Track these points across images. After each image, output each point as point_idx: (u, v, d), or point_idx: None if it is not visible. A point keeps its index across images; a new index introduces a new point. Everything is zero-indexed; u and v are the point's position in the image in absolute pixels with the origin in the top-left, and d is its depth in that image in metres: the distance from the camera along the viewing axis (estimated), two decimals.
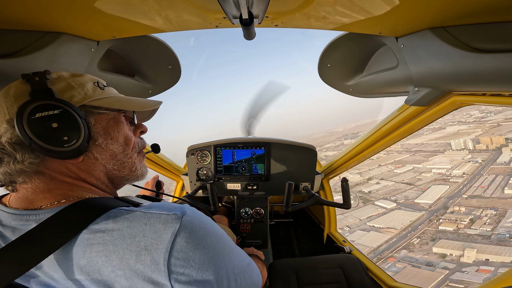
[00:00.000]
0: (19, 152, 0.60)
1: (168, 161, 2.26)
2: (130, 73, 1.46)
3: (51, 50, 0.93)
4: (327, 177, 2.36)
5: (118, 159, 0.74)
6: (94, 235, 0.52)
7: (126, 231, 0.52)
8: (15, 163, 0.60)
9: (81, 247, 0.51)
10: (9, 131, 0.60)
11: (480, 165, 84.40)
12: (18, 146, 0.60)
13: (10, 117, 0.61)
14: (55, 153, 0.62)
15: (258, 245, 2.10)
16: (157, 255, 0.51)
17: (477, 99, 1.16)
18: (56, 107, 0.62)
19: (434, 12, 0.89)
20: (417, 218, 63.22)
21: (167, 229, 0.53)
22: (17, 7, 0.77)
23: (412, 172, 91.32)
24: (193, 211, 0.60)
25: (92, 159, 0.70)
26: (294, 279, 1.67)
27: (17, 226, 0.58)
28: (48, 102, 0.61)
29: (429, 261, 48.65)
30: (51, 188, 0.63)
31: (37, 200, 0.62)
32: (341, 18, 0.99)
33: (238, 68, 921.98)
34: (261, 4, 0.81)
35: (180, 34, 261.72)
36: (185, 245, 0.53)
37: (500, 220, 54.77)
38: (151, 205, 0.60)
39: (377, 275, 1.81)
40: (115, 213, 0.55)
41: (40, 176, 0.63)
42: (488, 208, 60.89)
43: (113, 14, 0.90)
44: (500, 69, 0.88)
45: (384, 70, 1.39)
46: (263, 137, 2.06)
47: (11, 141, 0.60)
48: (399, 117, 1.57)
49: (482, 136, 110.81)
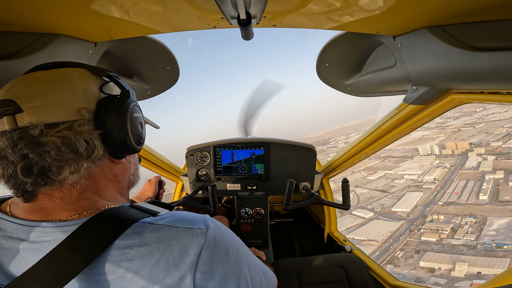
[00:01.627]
0: (97, 148, 0.58)
1: (168, 162, 2.25)
2: (128, 74, 1.46)
3: (49, 51, 0.93)
4: (327, 177, 2.36)
5: (137, 164, 0.80)
6: (122, 251, 0.51)
7: (153, 247, 0.51)
8: (86, 160, 0.56)
9: (109, 264, 0.50)
10: (88, 122, 0.57)
11: (449, 170, 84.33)
12: (97, 141, 0.58)
13: (85, 106, 0.57)
14: (132, 152, 0.66)
15: (258, 245, 2.09)
16: (184, 270, 0.51)
17: (475, 97, 1.16)
18: (140, 110, 0.69)
19: (432, 11, 0.89)
20: (396, 228, 60.95)
21: (193, 244, 0.54)
22: (14, 9, 0.77)
23: (384, 179, 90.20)
24: (215, 224, 0.60)
25: (127, 162, 0.73)
26: (295, 279, 1.67)
27: (27, 238, 0.53)
28: (137, 105, 0.68)
29: (418, 276, 45.65)
30: (80, 198, 0.58)
31: (57, 212, 0.56)
32: (338, 17, 0.99)
33: (237, 67, 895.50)
34: (259, 4, 0.81)
35: (178, 35, 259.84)
36: (209, 259, 0.54)
37: (482, 228, 53.33)
38: (173, 215, 0.58)
39: (378, 274, 1.80)
40: (140, 227, 0.53)
41: (87, 180, 0.59)
42: (467, 215, 59.32)
43: (110, 15, 0.90)
44: (498, 67, 0.88)
45: (382, 69, 1.39)
46: (262, 137, 2.05)
47: (94, 134, 0.57)
48: (397, 116, 1.58)
49: (445, 141, 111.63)
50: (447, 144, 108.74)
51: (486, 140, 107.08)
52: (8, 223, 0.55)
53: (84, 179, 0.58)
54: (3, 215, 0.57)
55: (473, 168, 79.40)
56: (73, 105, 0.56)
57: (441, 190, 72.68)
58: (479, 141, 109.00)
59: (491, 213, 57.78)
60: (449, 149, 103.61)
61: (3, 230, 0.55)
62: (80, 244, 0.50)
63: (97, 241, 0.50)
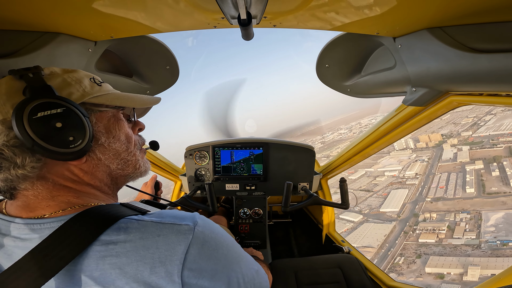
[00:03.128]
0: (19, 156, 0.56)
1: (166, 161, 2.25)
2: (128, 73, 1.45)
3: (49, 50, 0.93)
4: (326, 177, 2.37)
5: (122, 157, 0.72)
6: (106, 247, 0.50)
7: (139, 243, 0.51)
8: (15, 168, 0.56)
9: (94, 259, 0.50)
10: (3, 133, 0.56)
11: (428, 163, 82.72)
12: (17, 149, 0.56)
13: (3, 117, 0.56)
14: (60, 154, 0.58)
15: (257, 245, 2.09)
16: (171, 267, 0.51)
17: (474, 99, 1.17)
18: (59, 105, 0.58)
19: (432, 13, 0.90)
20: (390, 230, 58.20)
21: (180, 240, 0.53)
22: (14, 7, 0.77)
23: (366, 177, 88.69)
24: (203, 221, 0.59)
25: (95, 159, 0.67)
26: (293, 279, 1.67)
27: (18, 235, 0.55)
28: (50, 100, 0.57)
29: (427, 284, 43.55)
30: (55, 195, 0.60)
31: (40, 208, 0.58)
32: (339, 18, 0.99)
33: (237, 67, 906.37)
34: (259, 4, 0.81)
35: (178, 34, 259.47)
36: (198, 256, 0.53)
37: (479, 224, 51.17)
38: (161, 213, 0.58)
39: (376, 275, 1.81)
40: (126, 223, 0.53)
41: (42, 182, 0.60)
42: (459, 211, 56.89)
43: (110, 14, 0.90)
44: (497, 69, 0.88)
45: (381, 70, 1.39)
46: (261, 138, 2.06)
47: (8, 144, 0.55)
48: (396, 117, 1.58)
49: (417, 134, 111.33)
50: (420, 137, 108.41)
51: (456, 130, 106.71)
52: (2, 221, 0.58)
53: (37, 181, 0.59)
54: None
55: (450, 159, 78.10)
56: None
57: (425, 185, 70.44)
58: (450, 132, 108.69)
59: (483, 206, 56.24)
60: (422, 142, 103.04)
61: None
62: (65, 239, 0.50)
63: (81, 236, 0.51)
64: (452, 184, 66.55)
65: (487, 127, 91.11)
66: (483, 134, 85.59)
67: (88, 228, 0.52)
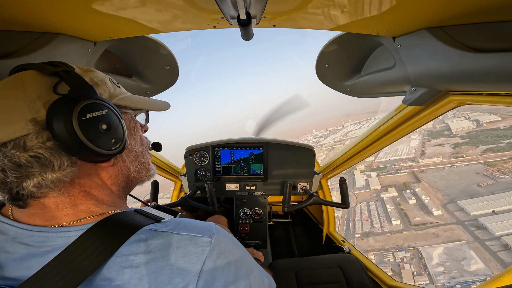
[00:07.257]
0: (57, 159, 0.53)
1: (166, 161, 2.25)
2: (128, 73, 1.45)
3: (48, 51, 0.93)
4: (326, 177, 2.37)
5: (139, 160, 0.73)
6: (126, 258, 0.51)
7: (158, 254, 0.52)
8: (51, 172, 0.53)
9: (114, 270, 0.50)
10: (36, 134, 0.51)
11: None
12: (55, 152, 0.53)
13: (33, 116, 0.51)
14: (103, 156, 0.57)
15: (257, 245, 2.10)
16: (188, 278, 0.51)
17: (474, 99, 1.17)
18: (103, 107, 0.57)
19: (431, 12, 0.90)
20: None
21: (198, 253, 0.53)
22: (14, 8, 0.77)
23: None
24: (219, 233, 0.59)
25: (120, 162, 0.67)
26: (293, 279, 1.67)
27: (31, 243, 0.53)
28: (97, 101, 0.56)
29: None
30: (77, 203, 0.58)
31: (58, 217, 0.56)
32: (338, 18, 0.99)
33: (237, 66, 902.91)
34: (259, 4, 0.81)
35: (177, 34, 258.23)
36: (213, 268, 0.54)
37: (424, 264, 43.39)
38: (178, 223, 0.58)
39: (376, 275, 1.81)
40: (145, 234, 0.53)
41: (70, 188, 0.57)
42: (395, 249, 48.70)
43: (110, 15, 0.89)
44: (497, 68, 0.88)
45: (381, 70, 1.39)
46: (261, 138, 2.06)
47: (45, 146, 0.52)
48: (396, 117, 1.58)
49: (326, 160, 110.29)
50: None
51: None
52: (11, 227, 0.55)
53: (65, 188, 0.57)
54: (5, 219, 0.56)
55: (364, 187, 72.72)
56: (18, 119, 0.51)
57: (349, 217, 61.61)
58: None
59: (417, 241, 49.51)
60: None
61: (5, 234, 0.54)
62: (85, 250, 0.49)
63: (102, 248, 0.50)
64: (375, 215, 59.29)
65: (385, 152, 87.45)
66: (384, 159, 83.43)
67: (108, 239, 0.51)
